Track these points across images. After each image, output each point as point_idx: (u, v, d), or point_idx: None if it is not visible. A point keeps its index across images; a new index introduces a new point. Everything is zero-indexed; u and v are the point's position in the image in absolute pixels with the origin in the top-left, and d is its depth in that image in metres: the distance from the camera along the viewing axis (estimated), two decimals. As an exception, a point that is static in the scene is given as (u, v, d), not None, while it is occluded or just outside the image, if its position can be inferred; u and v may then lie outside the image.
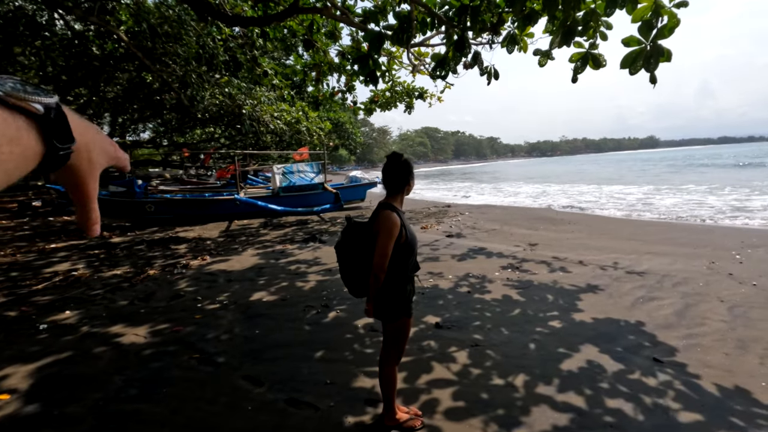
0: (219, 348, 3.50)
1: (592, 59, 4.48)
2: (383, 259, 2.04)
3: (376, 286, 2.08)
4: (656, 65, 3.61)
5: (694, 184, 19.46)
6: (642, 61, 3.62)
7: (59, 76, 20.29)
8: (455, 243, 7.39)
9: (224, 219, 11.03)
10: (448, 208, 12.75)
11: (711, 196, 14.53)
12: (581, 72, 4.62)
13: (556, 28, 4.41)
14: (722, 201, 12.89)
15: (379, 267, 2.04)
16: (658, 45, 3.51)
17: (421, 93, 10.45)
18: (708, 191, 16.10)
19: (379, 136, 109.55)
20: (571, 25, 4.12)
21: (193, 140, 29.82)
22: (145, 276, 5.80)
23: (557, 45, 4.40)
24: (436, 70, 5.37)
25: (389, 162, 2.19)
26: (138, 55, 13.35)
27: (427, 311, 4.14)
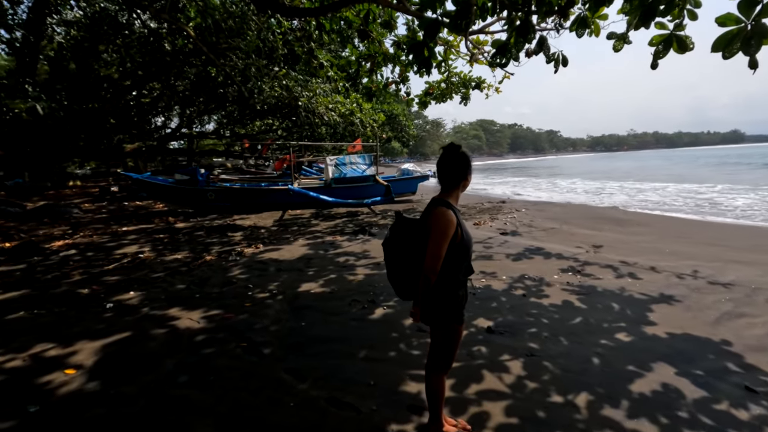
0: (265, 338, 3.52)
1: (676, 42, 3.97)
2: (435, 260, 1.87)
3: (425, 288, 1.92)
4: (758, 47, 3.11)
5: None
6: (740, 43, 3.13)
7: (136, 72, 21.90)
8: (510, 241, 7.02)
9: (278, 208, 11.33)
10: (502, 204, 12.23)
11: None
12: (663, 56, 4.12)
13: (633, 7, 3.96)
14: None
15: (431, 269, 1.88)
16: (762, 24, 3.00)
17: (478, 83, 10.02)
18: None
19: (433, 129, 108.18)
20: (653, 3, 3.66)
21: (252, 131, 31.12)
22: (202, 261, 6.05)
23: (634, 27, 3.94)
24: (496, 57, 5.03)
25: (445, 154, 2.01)
26: (203, 49, 13.98)
27: (479, 313, 3.91)
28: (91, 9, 18.09)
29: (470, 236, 2.01)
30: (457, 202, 2.03)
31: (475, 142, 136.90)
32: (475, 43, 8.04)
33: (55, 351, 3.34)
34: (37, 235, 8.15)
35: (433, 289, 1.95)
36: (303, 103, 13.42)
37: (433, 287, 1.94)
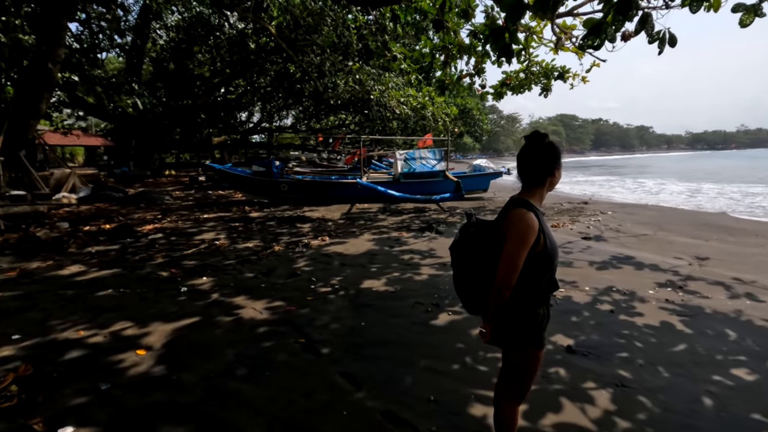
0: (323, 336, 3.41)
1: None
2: (511, 271, 1.56)
3: (497, 304, 1.62)
4: None
5: None
6: None
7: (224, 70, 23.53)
8: (594, 247, 6.30)
9: (347, 202, 11.44)
10: (585, 205, 11.19)
11: None
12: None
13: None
14: None
15: (504, 282, 1.57)
16: None
17: (562, 73, 9.19)
18: None
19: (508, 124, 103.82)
20: None
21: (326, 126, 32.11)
22: (270, 251, 6.19)
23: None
24: (588, 39, 4.44)
25: (528, 144, 1.68)
26: (283, 46, 14.50)
27: (557, 329, 3.46)
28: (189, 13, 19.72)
29: (556, 245, 1.66)
30: (541, 203, 1.70)
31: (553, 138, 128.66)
32: (563, 27, 7.33)
33: (131, 330, 3.52)
34: (132, 218, 8.98)
35: (507, 306, 1.64)
36: (375, 97, 13.39)
37: (507, 304, 1.63)
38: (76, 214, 9.57)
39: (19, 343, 3.27)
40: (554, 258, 1.64)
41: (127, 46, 21.85)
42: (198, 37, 19.82)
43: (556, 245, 1.68)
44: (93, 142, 38.27)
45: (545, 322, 1.69)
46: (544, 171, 1.64)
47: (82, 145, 38.74)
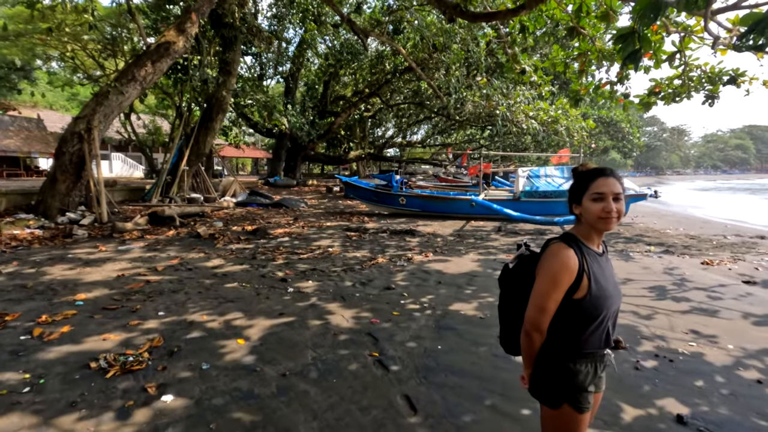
0: (398, 353, 3.43)
1: None
2: (538, 313, 1.39)
3: (527, 348, 1.45)
4: None
5: None
6: None
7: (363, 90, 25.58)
8: (757, 295, 4.98)
9: (461, 218, 11.25)
10: (759, 240, 8.90)
11: None
12: None
13: None
14: None
15: (532, 323, 1.41)
16: None
17: (734, 77, 7.56)
18: None
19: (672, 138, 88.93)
20: None
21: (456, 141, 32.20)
22: (374, 262, 6.46)
23: None
24: (747, 37, 3.60)
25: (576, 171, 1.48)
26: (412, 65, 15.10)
27: (671, 391, 2.85)
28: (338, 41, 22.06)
29: (610, 292, 1.40)
30: (593, 240, 1.45)
31: (737, 153, 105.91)
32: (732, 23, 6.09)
33: (240, 321, 4.06)
34: (270, 222, 10.34)
35: (541, 354, 1.44)
36: (501, 111, 12.95)
37: (541, 351, 1.44)
38: (231, 215, 11.43)
39: (162, 319, 4.06)
40: (602, 308, 1.39)
41: (285, 74, 25.42)
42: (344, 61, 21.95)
43: (612, 293, 1.41)
44: (258, 154, 45.33)
45: (588, 379, 1.43)
46: (570, 201, 1.46)
47: (250, 157, 46.24)
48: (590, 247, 1.43)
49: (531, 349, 1.44)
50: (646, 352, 3.45)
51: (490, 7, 9.39)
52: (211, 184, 15.17)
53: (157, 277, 5.49)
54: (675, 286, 5.41)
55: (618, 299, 1.45)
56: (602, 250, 1.48)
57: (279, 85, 37.05)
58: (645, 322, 4.16)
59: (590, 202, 1.42)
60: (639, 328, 3.99)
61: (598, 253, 1.44)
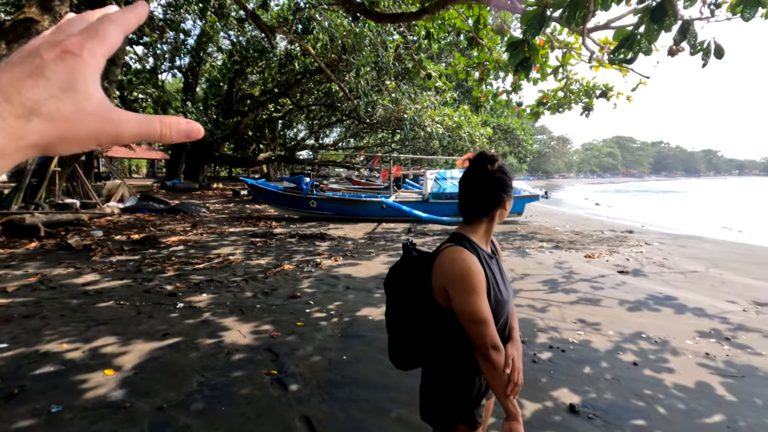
0: (299, 369, 3.14)
1: None
2: (485, 327, 1.19)
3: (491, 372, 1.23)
4: None
5: None
6: None
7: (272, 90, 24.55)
8: (629, 284, 5.61)
9: (373, 220, 11.24)
10: (629, 234, 10.23)
11: None
12: None
13: None
14: None
15: (485, 343, 1.19)
16: None
17: (605, 91, 8.56)
18: None
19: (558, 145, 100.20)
20: None
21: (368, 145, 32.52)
22: (279, 270, 6.06)
23: None
24: (619, 52, 3.99)
25: (472, 168, 1.35)
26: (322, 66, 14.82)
27: (563, 381, 2.98)
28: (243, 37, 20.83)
29: (505, 298, 1.30)
30: (487, 239, 1.35)
31: (608, 160, 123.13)
32: (603, 43, 6.83)
33: (112, 347, 3.43)
34: (163, 229, 9.27)
35: (437, 373, 1.31)
36: (409, 115, 13.25)
37: (436, 368, 1.31)
38: (115, 223, 10.05)
39: (3, 353, 3.28)
40: (502, 313, 1.29)
41: (183, 68, 23.41)
42: (250, 58, 20.79)
43: (506, 298, 1.32)
44: (154, 155, 41.18)
45: (482, 393, 1.32)
46: (491, 202, 1.30)
47: (145, 158, 41.83)
48: (484, 249, 1.33)
49: (495, 370, 1.22)
50: (542, 345, 3.61)
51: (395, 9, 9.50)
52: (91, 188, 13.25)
53: (5, 300, 4.50)
54: (564, 278, 5.88)
55: (512, 300, 1.37)
56: (491, 252, 1.39)
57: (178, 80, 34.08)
58: (540, 314, 4.40)
59: (508, 203, 1.35)
60: (535, 321, 4.21)
61: (489, 255, 1.34)
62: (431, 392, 1.33)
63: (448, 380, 1.30)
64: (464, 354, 1.29)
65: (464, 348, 1.29)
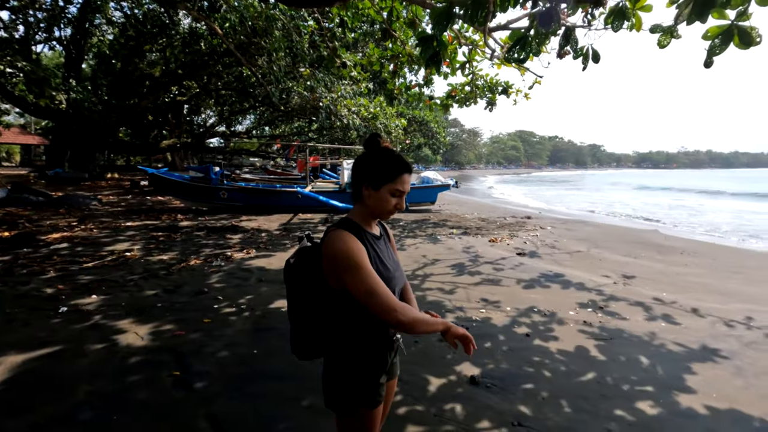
0: (206, 366, 2.99)
1: (738, 34, 3.14)
2: (383, 298, 1.21)
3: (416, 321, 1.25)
4: None
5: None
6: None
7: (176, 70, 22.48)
8: (526, 264, 6.21)
9: (288, 211, 10.97)
10: (527, 220, 11.29)
11: None
12: (720, 53, 3.29)
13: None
14: None
15: (388, 309, 1.21)
16: None
17: (506, 88, 9.26)
18: None
19: (469, 138, 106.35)
20: None
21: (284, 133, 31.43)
22: (185, 265, 5.66)
23: (687, 21, 3.16)
24: (513, 51, 4.34)
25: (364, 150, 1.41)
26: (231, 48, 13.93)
27: (466, 356, 3.21)
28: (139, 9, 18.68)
29: (392, 273, 1.37)
30: (373, 224, 1.41)
31: (513, 153, 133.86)
32: (504, 43, 7.35)
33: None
34: (42, 225, 8.10)
35: (331, 357, 1.35)
36: (324, 104, 13.05)
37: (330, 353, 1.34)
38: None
39: None
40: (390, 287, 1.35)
41: (64, 40, 20.45)
42: (148, 35, 18.78)
43: (394, 275, 1.37)
44: (30, 140, 35.60)
45: (383, 369, 1.39)
46: (357, 185, 1.36)
47: (17, 143, 35.98)
48: (369, 230, 1.38)
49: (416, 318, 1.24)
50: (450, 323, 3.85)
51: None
52: (-57, 178, 11.07)
53: None
54: (471, 262, 6.31)
55: (401, 280, 1.44)
56: (380, 233, 1.44)
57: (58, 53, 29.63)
58: (448, 296, 4.68)
59: (388, 195, 1.33)
60: (444, 302, 4.47)
61: (376, 236, 1.40)
62: (332, 379, 1.36)
63: (347, 365, 1.33)
64: (360, 337, 1.33)
65: (360, 331, 1.33)
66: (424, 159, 63.46)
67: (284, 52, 13.53)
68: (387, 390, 1.52)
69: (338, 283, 1.27)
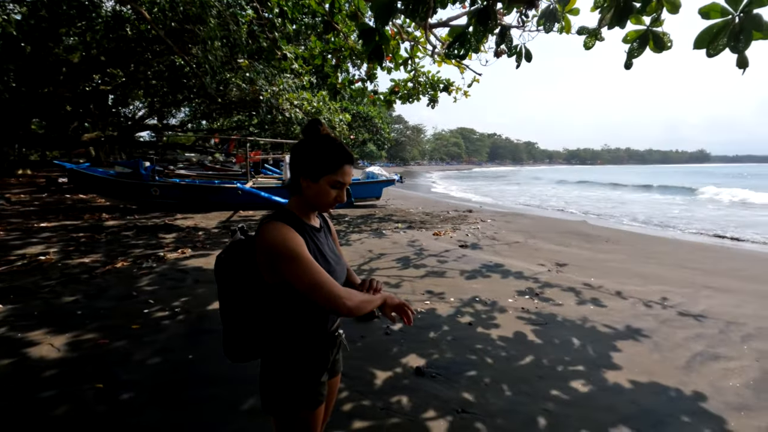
0: (134, 376, 2.75)
1: (653, 39, 3.40)
2: (321, 289, 1.15)
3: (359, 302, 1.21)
4: (747, 43, 2.55)
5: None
6: (727, 38, 2.59)
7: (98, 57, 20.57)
8: (468, 256, 6.41)
9: (229, 208, 10.48)
10: (469, 214, 11.68)
11: None
12: (637, 56, 3.55)
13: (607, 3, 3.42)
14: None
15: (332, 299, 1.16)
16: (753, 15, 2.46)
17: (447, 85, 9.48)
18: None
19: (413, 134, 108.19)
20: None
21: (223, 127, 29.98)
22: (110, 267, 5.19)
23: (608, 25, 3.38)
24: (453, 47, 4.42)
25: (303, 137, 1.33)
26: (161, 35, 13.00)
27: (412, 348, 3.24)
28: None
29: (333, 266, 1.31)
30: (311, 215, 1.35)
31: (454, 149, 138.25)
32: (444, 40, 7.49)
33: None
34: (-67, 228, 7.07)
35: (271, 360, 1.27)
36: (265, 97, 12.59)
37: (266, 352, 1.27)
38: None
39: None
40: None
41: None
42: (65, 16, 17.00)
43: (335, 268, 1.31)
44: None
45: (323, 371, 1.33)
46: (296, 171, 1.28)
47: None
48: (308, 222, 1.31)
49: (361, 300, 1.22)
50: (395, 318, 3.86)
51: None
52: None
53: None
54: (416, 255, 6.40)
55: (342, 273, 1.39)
56: (320, 225, 1.39)
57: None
58: (394, 290, 4.70)
59: (328, 186, 1.26)
60: (390, 296, 4.47)
61: (315, 228, 1.34)
62: (269, 381, 1.28)
63: (285, 365, 1.26)
64: (298, 334, 1.27)
65: (298, 328, 1.26)
66: (369, 155, 63.65)
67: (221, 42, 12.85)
68: (330, 388, 1.47)
69: (274, 278, 1.19)
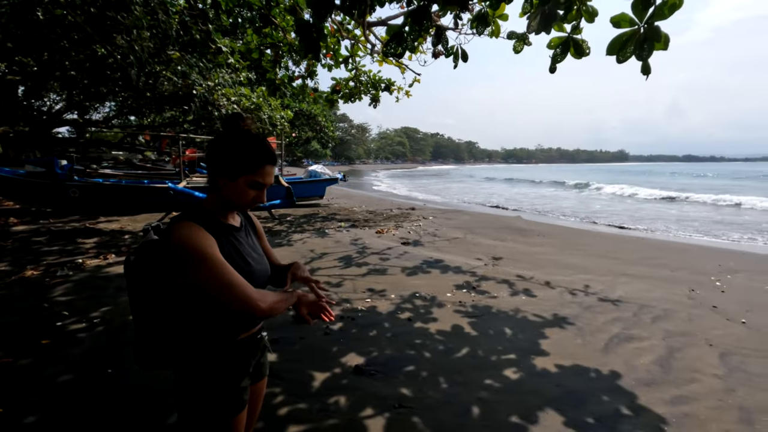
0: (38, 398, 2.48)
1: (573, 45, 3.65)
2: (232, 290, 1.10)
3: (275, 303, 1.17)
4: (650, 52, 2.84)
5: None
6: (633, 47, 2.86)
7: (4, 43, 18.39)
8: (410, 253, 6.51)
9: (160, 209, 9.82)
10: (411, 211, 11.88)
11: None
12: (560, 60, 3.79)
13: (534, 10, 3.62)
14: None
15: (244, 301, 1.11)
16: (654, 27, 2.73)
17: (388, 85, 9.56)
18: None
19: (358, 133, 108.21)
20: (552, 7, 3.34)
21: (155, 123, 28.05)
22: (17, 278, 4.65)
23: (535, 30, 3.57)
24: (391, 45, 4.45)
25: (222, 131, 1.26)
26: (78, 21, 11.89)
27: (351, 346, 3.21)
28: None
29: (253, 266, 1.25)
30: (229, 215, 1.28)
31: (399, 148, 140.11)
32: (383, 40, 7.53)
33: None
34: None
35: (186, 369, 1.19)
36: (199, 92, 11.93)
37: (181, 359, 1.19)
38: None
39: None
40: None
41: None
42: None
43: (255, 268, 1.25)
44: None
45: (243, 377, 1.27)
46: (213, 168, 1.20)
47: None
48: (224, 221, 1.24)
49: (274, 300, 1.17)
50: (335, 317, 3.82)
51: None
52: None
53: None
54: (358, 254, 6.38)
55: (264, 273, 1.33)
56: (240, 224, 1.32)
57: None
58: (335, 289, 4.65)
59: (246, 187, 1.19)
60: (330, 296, 4.40)
61: (234, 227, 1.27)
62: (185, 391, 1.19)
63: (200, 373, 1.18)
64: (213, 339, 1.20)
65: (212, 332, 1.19)
66: (314, 153, 62.70)
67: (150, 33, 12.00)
68: (256, 392, 1.41)
69: (185, 280, 1.11)
